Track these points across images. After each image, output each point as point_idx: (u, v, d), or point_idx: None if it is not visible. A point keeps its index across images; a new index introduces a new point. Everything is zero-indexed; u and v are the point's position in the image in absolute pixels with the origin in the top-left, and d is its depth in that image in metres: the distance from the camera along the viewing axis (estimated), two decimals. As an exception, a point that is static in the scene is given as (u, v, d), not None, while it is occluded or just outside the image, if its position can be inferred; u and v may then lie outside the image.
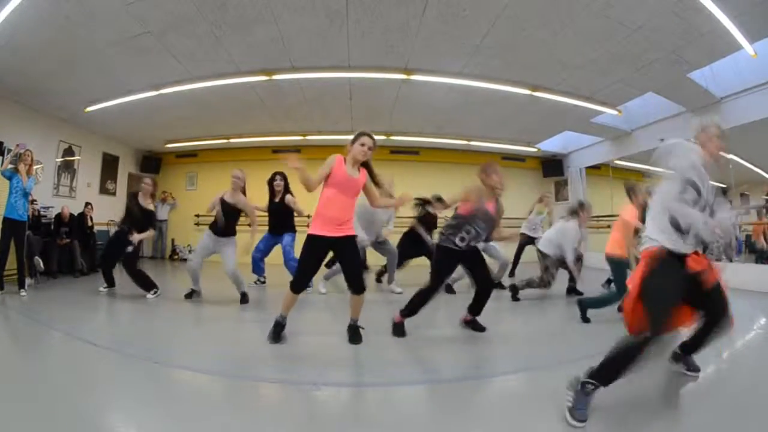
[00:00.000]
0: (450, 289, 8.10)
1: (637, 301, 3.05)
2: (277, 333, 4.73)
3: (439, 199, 7.91)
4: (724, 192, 11.84)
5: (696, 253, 3.20)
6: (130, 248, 7.37)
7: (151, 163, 15.38)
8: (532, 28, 6.94)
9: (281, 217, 7.99)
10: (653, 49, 7.36)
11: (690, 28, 6.66)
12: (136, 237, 7.29)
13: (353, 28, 7.00)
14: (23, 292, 7.08)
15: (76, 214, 10.71)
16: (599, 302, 5.99)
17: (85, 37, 7.08)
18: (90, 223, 10.86)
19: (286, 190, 8.01)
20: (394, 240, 8.41)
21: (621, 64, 7.98)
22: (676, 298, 3.03)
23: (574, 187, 15.26)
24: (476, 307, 5.32)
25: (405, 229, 8.77)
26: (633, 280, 3.20)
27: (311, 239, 4.55)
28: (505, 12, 6.49)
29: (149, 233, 7.56)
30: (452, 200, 5.42)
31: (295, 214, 7.96)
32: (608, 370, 2.93)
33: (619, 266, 6.00)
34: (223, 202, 7.01)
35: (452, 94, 9.67)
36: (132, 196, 7.62)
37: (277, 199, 8.00)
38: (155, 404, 3.09)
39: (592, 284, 8.24)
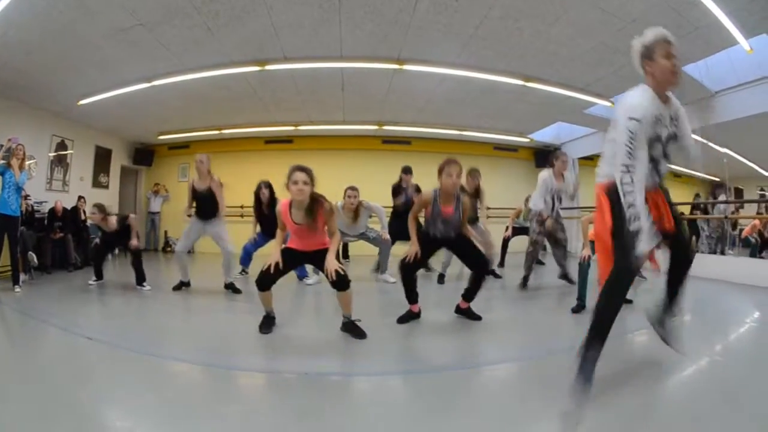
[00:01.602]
0: (441, 279, 8.13)
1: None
2: (268, 324, 4.84)
3: (409, 171, 8.47)
4: (719, 185, 11.92)
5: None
6: (134, 243, 7.53)
7: (144, 155, 15.29)
8: (525, 18, 6.92)
9: (273, 224, 7.90)
10: (648, 42, 7.36)
11: (685, 22, 6.65)
12: (134, 243, 7.50)
13: (345, 18, 6.96)
14: (17, 289, 7.05)
15: (69, 209, 10.68)
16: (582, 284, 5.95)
17: (78, 30, 7.01)
18: (83, 217, 10.83)
19: (273, 198, 8.09)
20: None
21: (615, 56, 7.97)
22: None
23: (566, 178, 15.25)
24: (470, 292, 5.32)
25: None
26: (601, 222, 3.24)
27: (286, 251, 4.72)
28: (498, 2, 6.46)
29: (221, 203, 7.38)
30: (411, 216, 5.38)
31: None
32: (599, 325, 3.03)
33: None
34: (194, 190, 7.08)
35: (445, 84, 9.65)
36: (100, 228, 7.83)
37: (266, 210, 8.09)
38: (151, 397, 3.09)
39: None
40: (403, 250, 5.27)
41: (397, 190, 8.65)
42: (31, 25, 6.75)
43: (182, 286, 7.28)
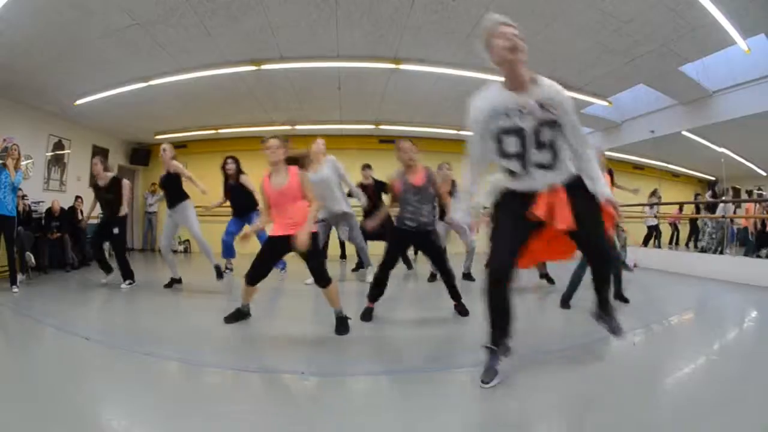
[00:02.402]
0: (432, 278, 8.12)
1: None
2: (237, 317, 5.10)
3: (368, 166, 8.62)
4: (715, 184, 11.95)
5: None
6: (116, 230, 7.60)
7: (141, 154, 15.26)
8: (522, 18, 6.83)
9: (241, 198, 7.99)
10: (645, 42, 7.37)
11: (682, 22, 6.67)
12: (123, 209, 7.69)
13: (342, 17, 6.96)
14: (15, 289, 7.01)
15: (66, 208, 10.66)
16: (572, 285, 5.91)
17: (75, 30, 7.00)
18: (80, 217, 10.81)
19: (239, 171, 8.06)
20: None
21: (612, 56, 7.99)
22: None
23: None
24: (451, 292, 5.47)
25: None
26: None
27: (269, 240, 4.82)
28: (495, 2, 6.46)
29: (124, 202, 7.77)
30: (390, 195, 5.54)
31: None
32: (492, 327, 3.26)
33: None
34: (159, 178, 7.57)
35: (441, 83, 9.65)
36: (94, 186, 7.90)
37: (232, 181, 8.03)
38: (148, 396, 3.10)
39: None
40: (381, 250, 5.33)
41: (363, 188, 8.58)
42: (28, 25, 6.74)
43: (173, 283, 7.35)
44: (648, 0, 6.18)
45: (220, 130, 13.80)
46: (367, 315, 5.26)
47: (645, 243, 13.10)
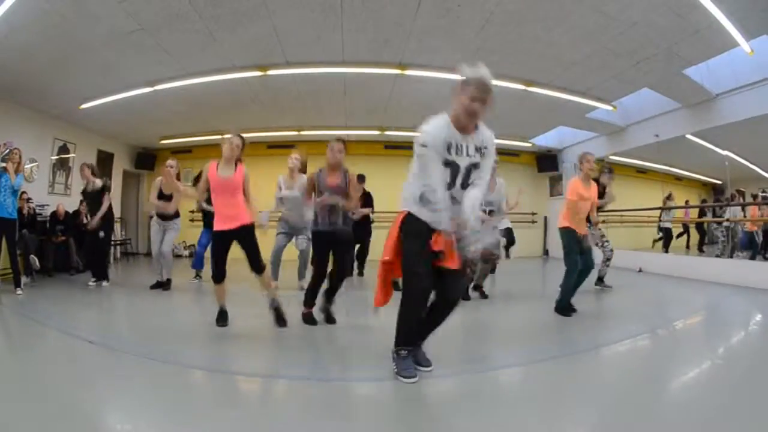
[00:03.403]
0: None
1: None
2: (223, 318, 5.28)
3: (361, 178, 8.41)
4: (720, 189, 11.91)
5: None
6: (102, 233, 8.01)
7: (146, 159, 15.29)
8: (526, 23, 6.93)
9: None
10: (649, 45, 7.36)
11: (686, 25, 6.66)
12: (93, 222, 7.96)
13: (347, 22, 6.98)
14: (19, 291, 7.03)
15: (71, 212, 10.67)
16: (567, 290, 5.90)
17: (80, 34, 7.03)
18: (85, 221, 10.83)
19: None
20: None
21: (616, 60, 7.98)
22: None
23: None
24: (329, 292, 5.46)
25: None
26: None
27: (215, 234, 5.14)
28: (500, 7, 6.47)
29: (103, 207, 8.06)
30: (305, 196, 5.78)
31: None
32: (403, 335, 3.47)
33: (562, 237, 6.08)
34: (160, 193, 7.74)
35: (446, 88, 9.61)
36: (83, 190, 8.28)
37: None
38: (152, 400, 3.10)
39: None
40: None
41: None
42: (33, 29, 6.76)
43: (159, 285, 7.50)
44: (651, 3, 6.17)
45: (225, 136, 13.73)
46: (309, 320, 5.36)
47: (666, 247, 13.06)
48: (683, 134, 10.87)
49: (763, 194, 11.73)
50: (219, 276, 5.12)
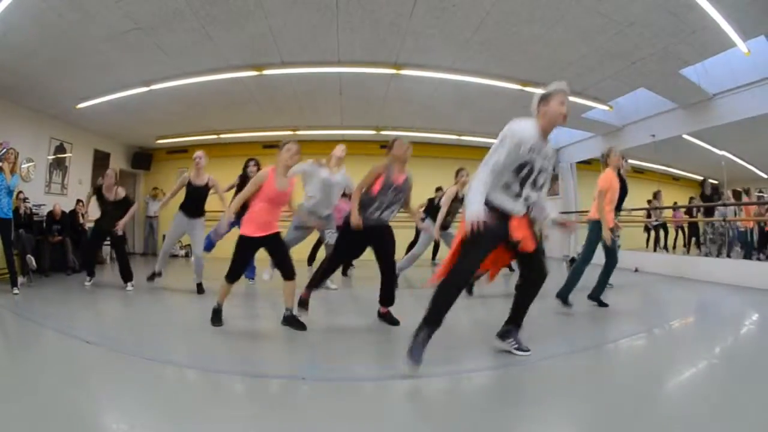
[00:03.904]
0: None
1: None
2: (219, 318, 5.16)
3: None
4: (715, 189, 11.93)
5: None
6: (120, 232, 7.77)
7: (142, 159, 15.31)
8: (522, 23, 6.93)
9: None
10: (645, 46, 7.37)
11: (682, 25, 6.68)
12: (120, 225, 7.69)
13: (343, 22, 6.99)
14: (16, 291, 6.98)
15: (67, 212, 10.64)
16: (570, 282, 6.05)
17: (77, 34, 7.03)
18: (81, 221, 10.81)
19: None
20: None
21: (612, 60, 8.00)
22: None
23: (565, 183, 15.26)
24: (385, 295, 5.28)
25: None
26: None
27: (244, 239, 4.95)
28: (495, 7, 6.48)
29: (131, 212, 7.97)
30: (358, 189, 5.33)
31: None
32: (433, 316, 3.61)
33: (590, 229, 6.26)
34: (189, 183, 7.29)
35: (442, 88, 9.67)
36: (100, 194, 7.87)
37: None
38: (148, 401, 3.09)
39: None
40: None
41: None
42: (30, 28, 6.76)
43: (154, 276, 7.47)
44: (648, 3, 6.18)
45: (221, 135, 13.81)
46: (304, 304, 5.35)
47: (655, 245, 13.12)
48: (680, 134, 10.89)
49: (760, 194, 11.77)
50: (236, 278, 5.09)
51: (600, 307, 6.16)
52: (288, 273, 4.95)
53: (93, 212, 8.19)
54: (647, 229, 13.61)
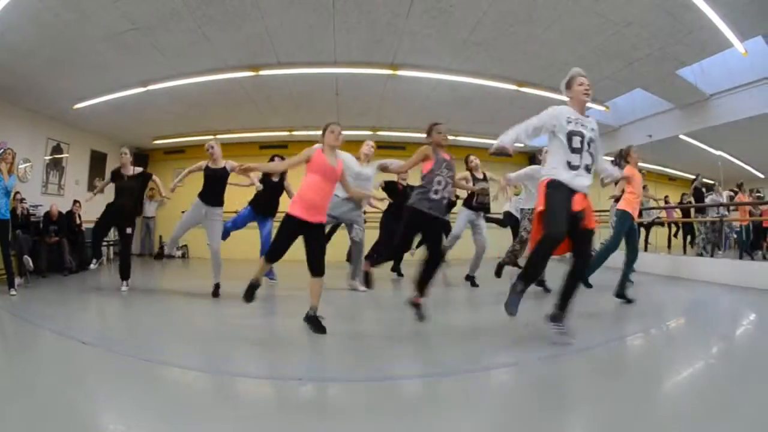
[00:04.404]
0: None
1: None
2: (252, 294, 5.02)
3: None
4: (711, 188, 11.93)
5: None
6: (129, 230, 7.58)
7: (139, 159, 15.19)
8: (519, 23, 6.94)
9: (273, 197, 7.92)
10: (642, 46, 7.39)
11: (679, 26, 6.69)
12: (171, 186, 7.66)
13: (339, 23, 6.99)
14: (13, 292, 6.96)
15: (64, 213, 10.63)
16: (597, 261, 6.43)
17: (74, 34, 7.03)
18: (78, 221, 10.80)
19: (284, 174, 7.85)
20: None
21: (609, 61, 8.01)
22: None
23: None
24: (424, 280, 5.16)
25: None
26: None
27: (289, 219, 4.82)
28: (492, 8, 6.49)
29: (159, 183, 7.91)
30: (405, 166, 5.68)
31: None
32: (529, 271, 4.15)
33: (618, 217, 6.56)
34: (207, 168, 7.10)
35: (439, 89, 9.69)
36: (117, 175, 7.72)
37: (275, 178, 7.87)
38: (145, 401, 3.08)
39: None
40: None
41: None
42: (27, 28, 6.75)
43: (162, 257, 7.36)
44: (646, 4, 6.20)
45: (218, 136, 13.73)
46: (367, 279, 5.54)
47: (645, 245, 13.13)
48: (676, 135, 10.91)
49: (757, 194, 11.78)
50: (275, 259, 5.06)
51: (627, 303, 6.26)
52: (318, 269, 4.82)
53: (93, 212, 8.11)
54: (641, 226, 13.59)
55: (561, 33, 7.14)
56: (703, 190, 11.80)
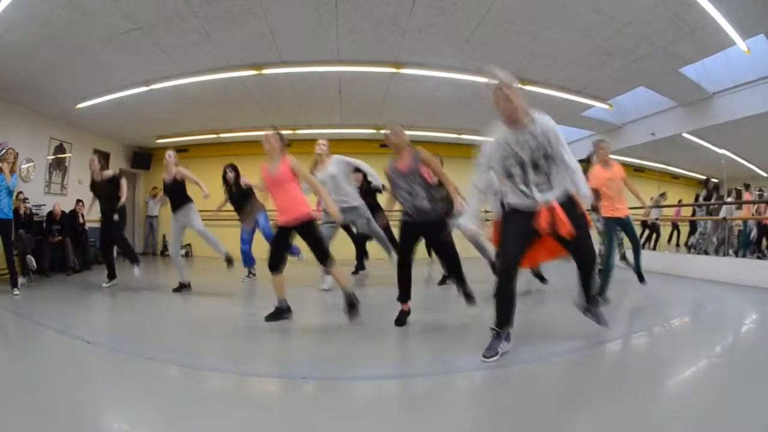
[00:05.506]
0: (443, 281, 7.95)
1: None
2: (277, 315, 5.14)
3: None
4: (716, 187, 11.91)
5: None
6: (116, 216, 7.96)
7: (142, 159, 15.29)
8: (522, 21, 6.93)
9: (245, 203, 7.94)
10: (645, 44, 7.37)
11: (682, 24, 6.67)
12: (122, 200, 8.11)
13: (342, 21, 6.97)
14: (16, 291, 7.00)
15: (67, 212, 10.66)
16: (604, 278, 6.03)
17: (76, 34, 7.02)
18: (81, 221, 10.82)
19: (238, 177, 8.33)
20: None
21: (612, 59, 7.99)
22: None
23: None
24: (465, 297, 5.35)
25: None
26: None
27: (278, 228, 5.19)
28: (495, 6, 6.47)
29: (123, 185, 8.23)
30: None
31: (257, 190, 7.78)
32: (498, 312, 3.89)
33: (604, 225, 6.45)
34: (164, 185, 7.70)
35: (442, 87, 9.67)
36: (92, 182, 8.20)
37: (234, 190, 8.32)
38: (149, 400, 3.09)
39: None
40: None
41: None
42: (30, 28, 6.74)
43: (182, 287, 7.34)
44: (648, 2, 6.18)
45: (221, 135, 13.80)
46: (401, 319, 5.07)
47: (654, 244, 13.11)
48: (679, 133, 10.88)
49: (759, 193, 11.75)
50: (273, 266, 5.16)
51: (641, 283, 6.73)
52: (320, 258, 5.17)
53: (95, 212, 8.18)
54: (644, 225, 13.57)
55: (564, 31, 7.12)
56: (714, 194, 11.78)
